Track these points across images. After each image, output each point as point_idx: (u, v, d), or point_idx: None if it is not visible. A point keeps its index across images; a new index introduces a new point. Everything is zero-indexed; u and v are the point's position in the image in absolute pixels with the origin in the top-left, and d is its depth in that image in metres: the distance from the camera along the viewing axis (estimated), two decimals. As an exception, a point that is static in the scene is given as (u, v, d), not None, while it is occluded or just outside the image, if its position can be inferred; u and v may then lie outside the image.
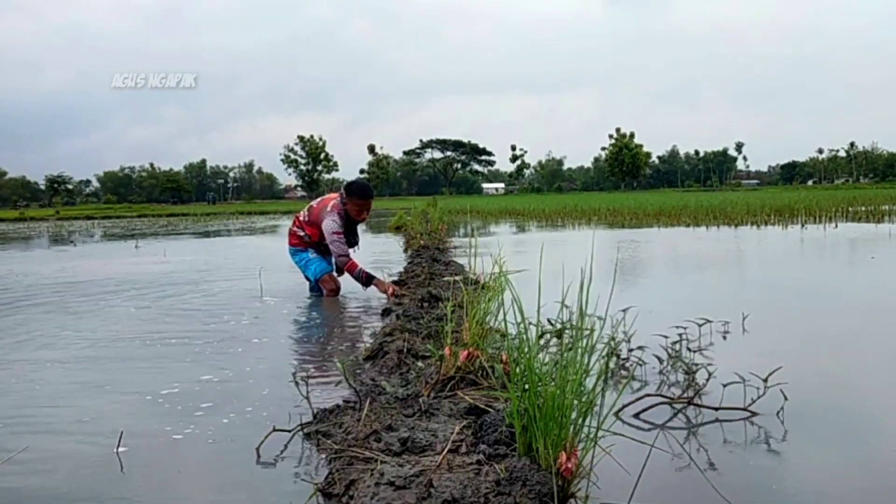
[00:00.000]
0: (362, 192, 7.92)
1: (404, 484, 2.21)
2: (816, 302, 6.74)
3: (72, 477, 2.86)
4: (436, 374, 3.58)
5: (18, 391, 4.26)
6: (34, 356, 5.20)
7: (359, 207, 7.89)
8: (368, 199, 7.97)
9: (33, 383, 4.43)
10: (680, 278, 9.07)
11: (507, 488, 2.21)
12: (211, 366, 4.71)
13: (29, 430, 3.50)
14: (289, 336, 5.75)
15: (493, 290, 4.15)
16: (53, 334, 6.04)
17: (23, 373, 4.72)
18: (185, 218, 52.09)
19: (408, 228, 18.60)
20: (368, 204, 7.99)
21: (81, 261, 14.62)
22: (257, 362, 4.79)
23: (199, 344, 5.45)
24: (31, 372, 4.72)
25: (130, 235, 26.58)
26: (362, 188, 7.99)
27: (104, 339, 5.78)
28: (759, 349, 4.74)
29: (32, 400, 4.07)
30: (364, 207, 7.95)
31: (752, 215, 20.36)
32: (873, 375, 4.14)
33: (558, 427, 2.30)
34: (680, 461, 2.81)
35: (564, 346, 2.57)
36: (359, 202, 7.86)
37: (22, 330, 6.35)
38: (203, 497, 2.69)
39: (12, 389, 4.30)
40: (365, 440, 2.77)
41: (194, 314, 6.92)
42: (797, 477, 2.66)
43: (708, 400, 3.43)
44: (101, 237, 27.24)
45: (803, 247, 12.36)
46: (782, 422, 3.20)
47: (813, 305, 6.54)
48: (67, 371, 4.74)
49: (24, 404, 3.97)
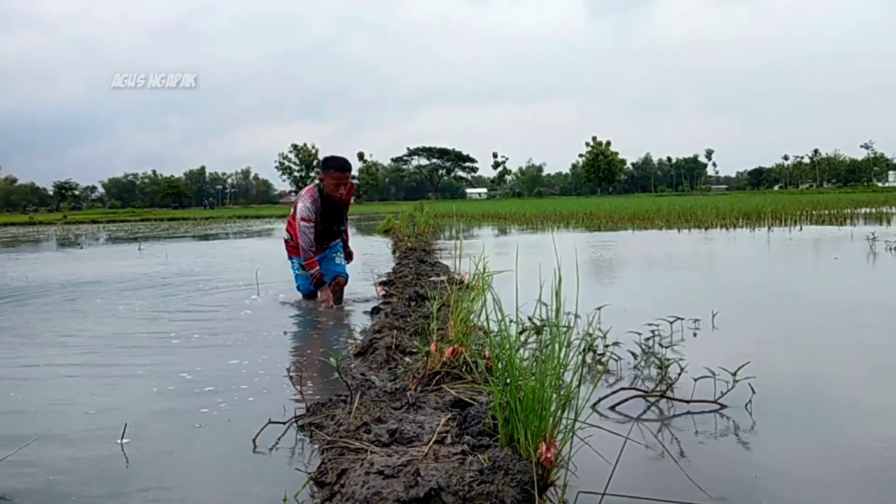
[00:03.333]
0: (338, 165, 7.08)
1: (393, 473, 2.20)
2: (782, 300, 6.75)
3: (77, 466, 2.86)
4: (422, 370, 3.58)
5: (26, 385, 4.25)
6: (41, 352, 5.20)
7: (336, 181, 7.03)
8: (345, 172, 7.11)
9: (41, 377, 4.42)
10: (653, 278, 9.07)
11: (490, 477, 2.20)
12: (210, 361, 4.70)
13: (36, 422, 3.50)
14: (283, 333, 5.73)
15: (477, 289, 4.16)
16: (59, 331, 6.04)
17: (32, 366, 4.73)
18: (186, 222, 51.97)
19: (396, 231, 18.61)
20: (346, 177, 7.13)
21: (87, 262, 14.59)
22: (254, 358, 4.77)
23: (199, 341, 5.45)
24: (40, 366, 4.72)
25: (134, 238, 26.51)
26: (338, 160, 7.13)
27: (108, 335, 5.77)
28: (727, 345, 4.76)
29: (40, 392, 4.07)
30: (341, 181, 7.06)
31: (721, 218, 20.42)
32: (836, 369, 4.16)
33: (538, 419, 2.30)
34: (654, 451, 2.81)
35: (543, 343, 2.57)
36: (335, 175, 7.02)
37: (31, 326, 6.37)
38: (201, 486, 2.69)
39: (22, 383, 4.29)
40: (356, 432, 2.76)
41: (193, 312, 6.91)
42: (765, 466, 2.67)
43: (680, 393, 3.44)
44: (107, 240, 27.15)
45: (770, 248, 12.39)
46: (750, 414, 3.21)
47: (779, 304, 6.55)
48: (74, 367, 4.74)
49: (32, 397, 3.96)
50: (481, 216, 33.78)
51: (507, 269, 3.80)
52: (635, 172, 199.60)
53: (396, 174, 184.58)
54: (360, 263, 10.00)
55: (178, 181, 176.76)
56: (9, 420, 3.56)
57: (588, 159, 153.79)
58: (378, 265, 10.75)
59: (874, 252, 10.40)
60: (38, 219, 69.69)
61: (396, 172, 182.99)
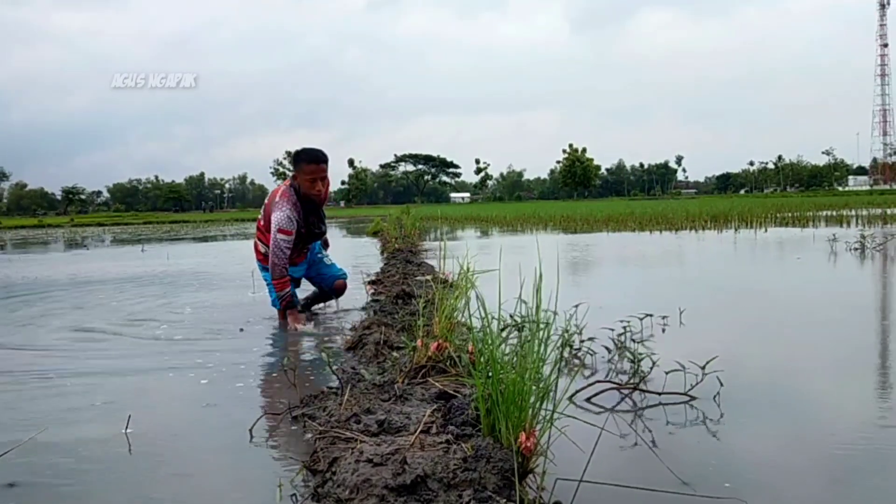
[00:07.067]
0: (312, 156, 5.79)
1: (381, 461, 2.20)
2: (748, 298, 6.78)
3: (83, 456, 2.85)
4: (409, 364, 3.57)
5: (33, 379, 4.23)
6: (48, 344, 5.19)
7: (311, 177, 5.75)
8: (321, 164, 5.79)
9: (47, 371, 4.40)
10: (626, 277, 9.08)
11: (473, 465, 2.20)
12: (206, 356, 4.68)
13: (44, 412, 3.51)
14: (278, 329, 5.71)
15: (461, 288, 4.16)
16: (64, 326, 6.03)
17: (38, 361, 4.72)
18: (186, 224, 51.85)
19: (384, 233, 18.60)
20: (322, 171, 5.81)
21: (93, 263, 14.54)
22: (249, 353, 4.77)
23: (196, 336, 5.44)
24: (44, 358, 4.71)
25: (137, 240, 26.46)
26: (310, 151, 5.84)
27: (108, 330, 5.76)
28: (696, 340, 4.78)
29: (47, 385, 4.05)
30: (317, 175, 5.77)
31: (690, 221, 20.45)
32: (800, 363, 4.18)
33: (518, 410, 2.30)
34: (628, 441, 2.82)
35: (524, 338, 2.57)
36: (310, 168, 5.75)
37: (38, 321, 6.37)
38: (202, 472, 2.70)
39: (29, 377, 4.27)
40: (346, 422, 2.76)
41: (190, 309, 6.90)
42: (733, 453, 2.68)
43: (652, 386, 3.44)
44: (112, 242, 27.07)
45: (737, 249, 12.42)
46: (718, 405, 3.21)
47: (745, 301, 6.58)
48: (79, 361, 4.71)
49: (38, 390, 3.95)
50: (464, 219, 33.80)
51: (491, 269, 3.80)
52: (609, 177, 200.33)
53: (384, 179, 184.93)
54: (350, 265, 9.97)
55: (178, 186, 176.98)
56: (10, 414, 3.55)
57: (565, 165, 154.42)
58: (367, 265, 10.74)
59: (835, 252, 10.44)
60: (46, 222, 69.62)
61: (384, 178, 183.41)
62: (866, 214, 22.77)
